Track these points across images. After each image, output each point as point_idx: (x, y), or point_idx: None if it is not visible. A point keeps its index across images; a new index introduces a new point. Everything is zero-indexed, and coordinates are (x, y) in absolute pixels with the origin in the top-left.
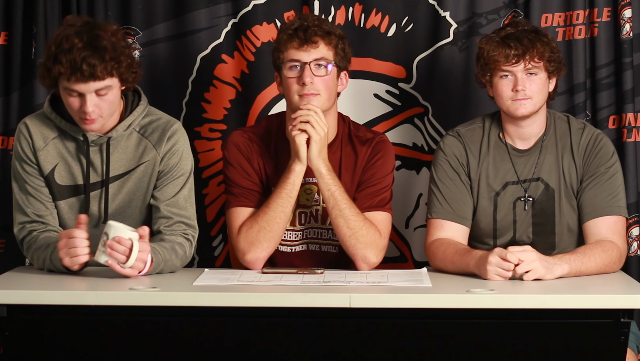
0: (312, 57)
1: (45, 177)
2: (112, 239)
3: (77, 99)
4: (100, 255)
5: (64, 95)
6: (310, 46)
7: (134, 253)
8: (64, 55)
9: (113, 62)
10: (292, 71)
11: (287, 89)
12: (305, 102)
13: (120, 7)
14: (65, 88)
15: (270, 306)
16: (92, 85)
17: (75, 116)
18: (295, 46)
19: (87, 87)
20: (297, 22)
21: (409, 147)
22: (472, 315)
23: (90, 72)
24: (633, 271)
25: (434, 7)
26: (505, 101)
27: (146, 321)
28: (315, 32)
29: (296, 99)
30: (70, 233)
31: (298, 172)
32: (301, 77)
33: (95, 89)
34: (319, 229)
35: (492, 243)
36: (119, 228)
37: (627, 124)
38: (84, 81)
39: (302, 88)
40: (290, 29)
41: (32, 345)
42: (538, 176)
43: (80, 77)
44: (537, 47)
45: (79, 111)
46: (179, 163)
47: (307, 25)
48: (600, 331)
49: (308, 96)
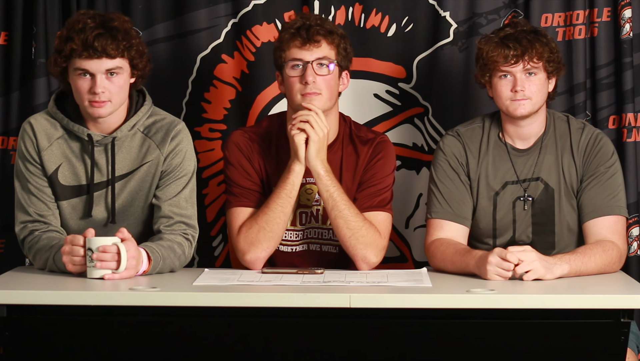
0: (315, 57)
1: (49, 177)
2: (97, 250)
3: (87, 80)
4: (93, 271)
5: (74, 79)
6: (312, 45)
7: (123, 255)
8: (77, 33)
9: (125, 42)
10: (294, 70)
11: (289, 88)
12: (308, 101)
13: (120, 7)
14: (75, 69)
15: (270, 306)
16: (104, 63)
17: (84, 100)
18: (298, 45)
19: (99, 65)
20: (299, 21)
21: (409, 147)
22: (472, 315)
23: (102, 48)
24: (633, 271)
25: (434, 7)
26: (505, 101)
27: (146, 321)
28: (317, 31)
29: (298, 98)
30: (74, 240)
31: (297, 172)
32: (303, 76)
33: (106, 68)
34: (320, 229)
35: (491, 243)
36: (99, 239)
37: (627, 124)
38: (97, 57)
39: (304, 87)
40: (293, 28)
41: (32, 345)
42: (537, 175)
43: (93, 53)
44: (536, 48)
45: (88, 93)
46: (182, 163)
47: (309, 24)
48: (600, 331)
49: (310, 95)
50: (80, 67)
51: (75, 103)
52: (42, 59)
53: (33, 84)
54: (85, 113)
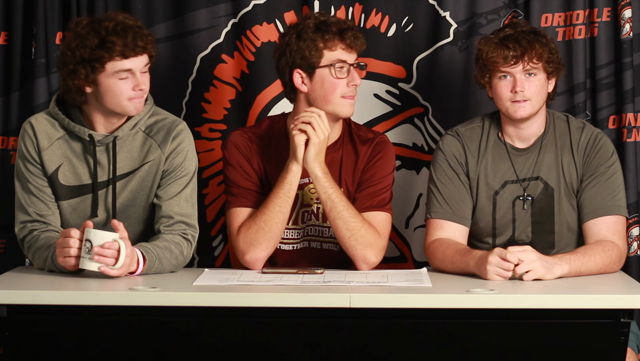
0: (354, 59)
1: (49, 177)
2: (101, 246)
3: (127, 80)
4: (87, 262)
5: (113, 82)
6: (354, 49)
7: (122, 253)
8: (114, 36)
9: (150, 36)
10: (341, 71)
11: (329, 89)
12: (350, 104)
13: (120, 7)
14: (115, 72)
15: (270, 306)
16: (142, 59)
17: (124, 100)
18: (343, 47)
19: (141, 62)
20: (335, 21)
21: (409, 147)
22: (472, 315)
23: (143, 46)
24: (633, 271)
25: (434, 7)
26: (505, 102)
27: (146, 321)
28: (357, 35)
29: (338, 100)
30: (67, 233)
31: (295, 172)
32: (352, 79)
33: (144, 63)
34: (320, 227)
35: (491, 242)
36: (100, 233)
37: (627, 124)
38: (141, 53)
39: (349, 90)
40: (336, 28)
41: (32, 345)
42: (537, 175)
43: (139, 50)
44: (535, 48)
45: (131, 90)
46: (183, 163)
47: (347, 26)
48: (600, 331)
49: (350, 99)
50: (123, 68)
51: (75, 104)
52: (42, 59)
53: (33, 84)
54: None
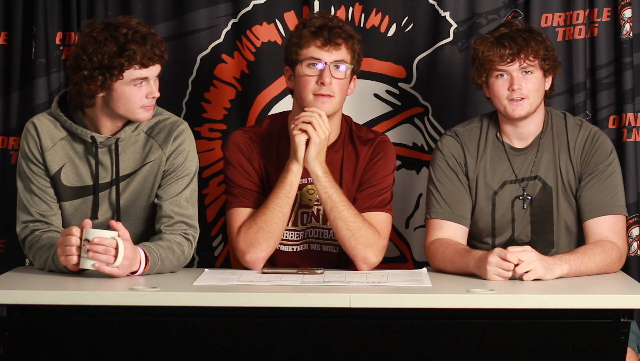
0: (333, 58)
1: (52, 177)
2: (92, 241)
3: (142, 87)
4: (85, 261)
5: (128, 89)
6: (332, 47)
7: (121, 250)
8: (134, 44)
9: (164, 44)
10: (311, 69)
11: (301, 86)
12: (321, 103)
13: (120, 7)
14: (132, 80)
15: (270, 306)
16: (158, 68)
17: (136, 107)
18: (318, 45)
19: (156, 71)
20: (319, 20)
21: (409, 147)
22: (472, 315)
23: (160, 55)
24: (633, 271)
25: (434, 7)
26: (502, 101)
27: (146, 321)
28: (339, 33)
29: (310, 98)
30: (67, 231)
31: (295, 172)
32: (320, 77)
33: (159, 71)
34: (320, 229)
35: (490, 242)
36: (98, 232)
37: (627, 124)
38: (159, 62)
39: (319, 88)
40: (314, 26)
41: (32, 345)
42: (536, 174)
43: (157, 59)
44: (531, 46)
45: (144, 99)
46: (184, 163)
47: (331, 25)
48: (600, 331)
49: (323, 97)
50: (141, 76)
51: (75, 105)
52: (42, 59)
53: (33, 84)
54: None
